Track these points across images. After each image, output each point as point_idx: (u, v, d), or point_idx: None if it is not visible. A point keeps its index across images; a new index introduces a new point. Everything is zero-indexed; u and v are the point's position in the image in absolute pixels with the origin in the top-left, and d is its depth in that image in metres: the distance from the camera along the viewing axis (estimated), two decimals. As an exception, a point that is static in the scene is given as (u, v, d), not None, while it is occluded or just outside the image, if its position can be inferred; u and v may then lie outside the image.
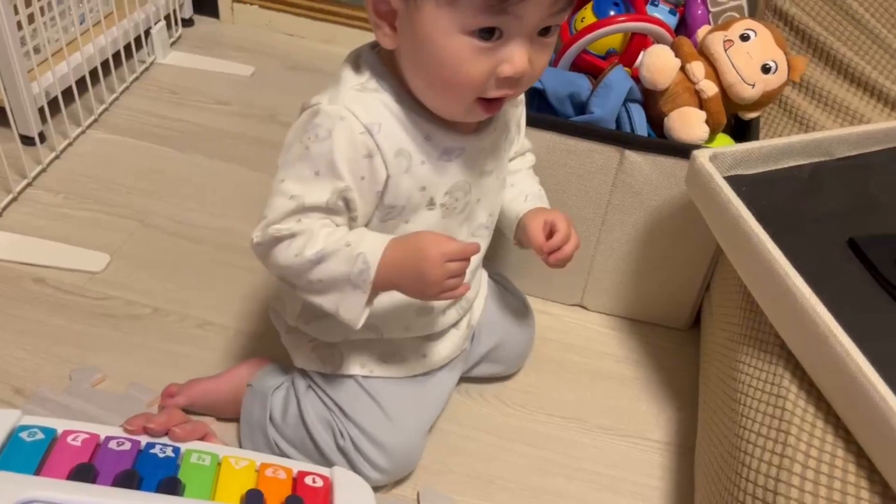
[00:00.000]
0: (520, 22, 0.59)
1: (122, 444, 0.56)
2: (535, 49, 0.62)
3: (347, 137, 0.63)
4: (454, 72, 0.61)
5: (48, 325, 0.93)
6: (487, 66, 0.60)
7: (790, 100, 1.03)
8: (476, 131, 0.71)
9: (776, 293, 0.69)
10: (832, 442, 0.63)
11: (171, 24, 1.49)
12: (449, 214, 0.72)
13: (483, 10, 0.57)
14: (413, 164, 0.67)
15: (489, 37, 0.59)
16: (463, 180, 0.71)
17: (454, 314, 0.81)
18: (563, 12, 0.61)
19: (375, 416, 0.76)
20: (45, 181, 1.14)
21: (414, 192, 0.68)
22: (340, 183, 0.64)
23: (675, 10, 1.09)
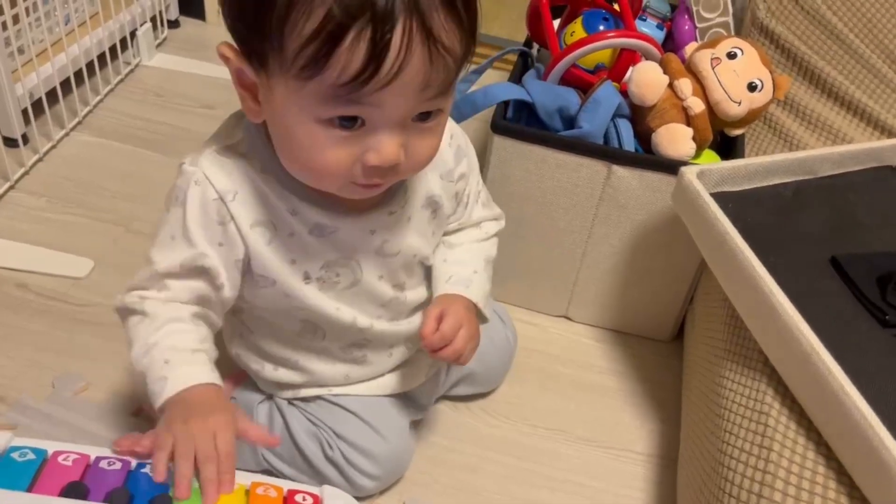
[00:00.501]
0: (380, 111, 0.53)
1: (113, 464, 0.56)
2: (411, 135, 0.56)
3: (200, 203, 0.61)
4: (313, 159, 0.57)
5: (30, 332, 0.92)
6: (350, 154, 0.56)
7: (775, 117, 1.05)
8: (362, 210, 0.65)
9: (760, 310, 0.70)
10: (813, 458, 0.64)
11: (157, 26, 1.48)
12: (329, 289, 0.68)
13: (331, 100, 0.52)
14: (278, 235, 0.64)
15: (350, 125, 0.54)
16: (344, 259, 0.67)
17: (402, 351, 0.79)
18: (437, 98, 0.55)
19: (359, 429, 0.76)
20: (27, 184, 1.13)
21: (283, 264, 0.65)
22: (193, 250, 0.62)
23: (663, 24, 1.10)
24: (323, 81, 0.51)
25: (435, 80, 0.53)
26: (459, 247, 0.77)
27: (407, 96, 0.53)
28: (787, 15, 1.04)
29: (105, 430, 0.81)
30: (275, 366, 0.76)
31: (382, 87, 0.51)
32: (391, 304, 0.73)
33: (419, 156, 0.59)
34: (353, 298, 0.70)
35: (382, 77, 0.50)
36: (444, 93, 0.55)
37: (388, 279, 0.71)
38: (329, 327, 0.72)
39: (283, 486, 0.61)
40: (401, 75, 0.51)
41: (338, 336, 0.73)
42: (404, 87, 0.52)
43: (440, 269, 0.75)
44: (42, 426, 0.81)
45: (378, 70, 0.50)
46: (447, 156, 0.71)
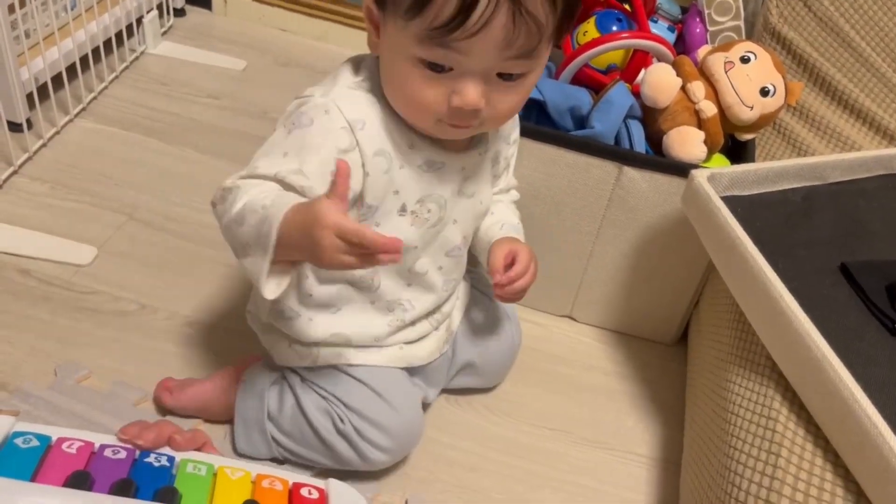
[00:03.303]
0: (466, 59, 0.59)
1: (118, 453, 0.56)
2: (494, 89, 0.62)
3: (326, 130, 0.65)
4: (408, 93, 0.63)
5: (32, 319, 0.91)
6: (439, 94, 0.62)
7: (785, 123, 1.05)
8: (459, 149, 0.72)
9: (770, 315, 0.70)
10: (821, 465, 0.64)
11: (163, 14, 1.47)
12: (419, 224, 0.73)
13: (426, 41, 0.59)
14: (393, 166, 0.69)
15: (438, 68, 0.60)
16: (438, 194, 0.72)
17: (426, 326, 0.82)
18: (520, 60, 0.61)
19: (372, 401, 0.76)
20: (31, 170, 1.12)
21: (388, 194, 0.70)
22: (297, 167, 0.63)
23: (674, 27, 1.10)
24: (421, 23, 0.58)
25: (516, 40, 0.58)
26: (499, 203, 0.84)
27: (489, 50, 0.59)
28: (799, 21, 1.04)
29: (107, 418, 0.80)
30: (312, 315, 0.76)
31: (469, 36, 0.57)
32: (454, 254, 0.78)
33: (500, 109, 0.65)
34: (430, 239, 0.75)
35: (469, 27, 0.56)
36: (526, 56, 0.60)
37: (461, 225, 0.77)
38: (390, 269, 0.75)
39: (289, 479, 0.61)
40: (485, 29, 0.57)
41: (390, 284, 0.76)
42: (488, 41, 0.58)
43: (490, 220, 0.82)
44: (44, 414, 0.80)
45: (466, 20, 0.56)
46: (512, 120, 0.78)
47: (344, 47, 1.50)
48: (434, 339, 0.83)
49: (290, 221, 0.58)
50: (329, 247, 0.56)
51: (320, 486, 0.61)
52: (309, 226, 0.57)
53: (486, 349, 0.89)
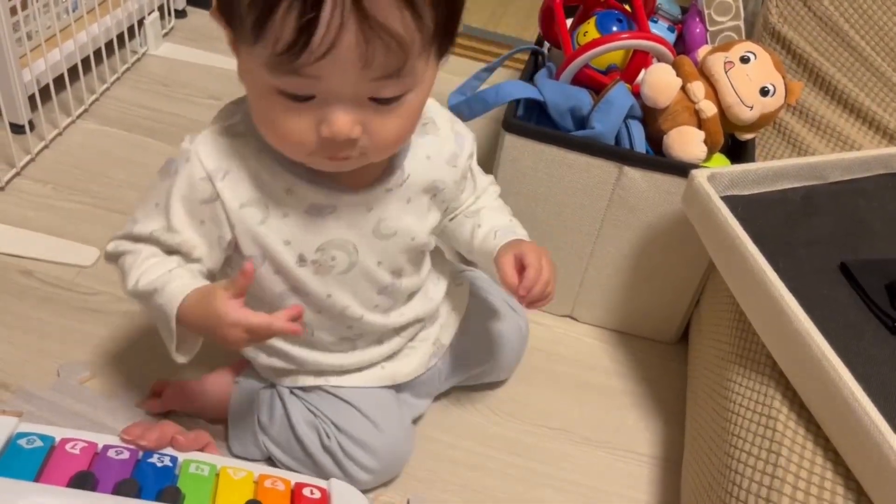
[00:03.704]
0: (324, 84, 0.53)
1: (121, 453, 0.56)
2: (369, 115, 0.56)
3: (188, 180, 0.63)
4: (273, 126, 0.58)
5: (35, 319, 0.92)
6: (306, 124, 0.56)
7: (785, 123, 1.05)
8: (356, 188, 0.66)
9: (770, 314, 0.70)
10: (822, 464, 0.64)
11: (165, 15, 1.48)
12: (324, 272, 0.68)
13: (275, 68, 0.52)
14: (271, 216, 0.65)
15: (300, 98, 0.55)
16: (342, 239, 0.67)
17: (397, 340, 0.79)
18: (388, 80, 0.54)
19: (358, 421, 0.76)
20: (33, 171, 1.12)
21: (276, 245, 0.66)
22: (166, 224, 0.64)
23: (674, 27, 1.10)
24: (265, 49, 0.52)
25: (374, 59, 0.52)
26: (483, 209, 0.79)
27: (347, 73, 0.52)
28: (798, 20, 1.04)
29: (110, 419, 0.81)
30: (267, 354, 0.77)
31: (317, 60, 0.51)
32: (388, 291, 0.73)
33: (382, 137, 0.58)
34: (348, 284, 0.70)
35: (315, 50, 0.50)
36: (393, 76, 0.54)
37: (387, 265, 0.71)
38: (318, 319, 0.72)
39: (291, 479, 0.61)
40: (334, 50, 0.50)
41: (328, 330, 0.74)
42: (340, 63, 0.51)
43: (480, 234, 0.77)
44: (47, 414, 0.80)
45: (308, 43, 0.50)
46: (450, 143, 0.72)
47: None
48: (419, 353, 0.82)
49: (188, 314, 0.60)
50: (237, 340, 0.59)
51: (322, 485, 0.61)
52: (212, 324, 0.59)
53: (495, 345, 0.89)
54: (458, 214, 0.80)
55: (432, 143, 0.70)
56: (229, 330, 0.58)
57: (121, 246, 0.66)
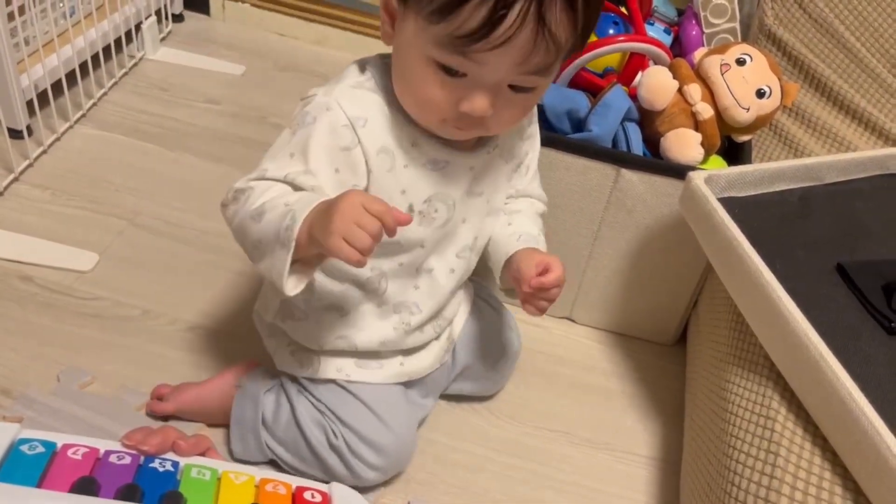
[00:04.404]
0: (482, 69, 0.59)
1: (123, 458, 0.56)
2: (502, 99, 0.62)
3: (329, 127, 0.65)
4: (417, 90, 0.63)
5: (35, 325, 0.92)
6: (449, 97, 0.62)
7: (781, 124, 1.05)
8: (466, 148, 0.71)
9: (768, 316, 0.71)
10: (820, 464, 0.65)
11: (162, 20, 1.48)
12: (427, 223, 0.72)
13: (446, 46, 0.58)
14: (396, 165, 0.68)
15: (452, 73, 0.61)
16: (445, 193, 0.72)
17: (431, 331, 0.81)
18: (533, 75, 0.61)
19: (366, 418, 0.77)
20: (31, 176, 1.13)
21: (394, 193, 0.69)
22: (305, 166, 0.65)
23: (670, 29, 1.11)
24: (444, 28, 0.57)
25: (534, 58, 0.59)
26: (519, 213, 0.81)
27: (506, 64, 0.59)
28: (794, 22, 1.04)
29: (111, 424, 0.81)
30: (319, 317, 0.76)
31: (490, 49, 0.57)
32: (462, 255, 0.77)
33: (505, 118, 0.65)
34: (438, 239, 0.74)
35: (493, 40, 0.56)
36: (540, 73, 0.61)
37: (470, 225, 0.76)
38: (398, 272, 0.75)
39: (292, 483, 0.61)
40: (507, 45, 0.57)
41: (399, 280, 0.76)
42: (506, 56, 0.58)
43: (507, 231, 0.79)
44: (48, 420, 0.80)
45: (490, 33, 0.56)
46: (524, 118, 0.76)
47: (342, 51, 1.51)
48: (435, 348, 0.83)
49: (313, 213, 0.59)
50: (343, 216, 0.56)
51: (323, 489, 0.61)
52: (333, 203, 0.57)
53: (487, 358, 0.89)
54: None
55: None
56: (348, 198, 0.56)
57: (249, 184, 0.65)
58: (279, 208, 0.61)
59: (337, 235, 0.56)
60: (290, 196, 0.62)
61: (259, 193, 0.63)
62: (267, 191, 0.63)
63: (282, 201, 0.62)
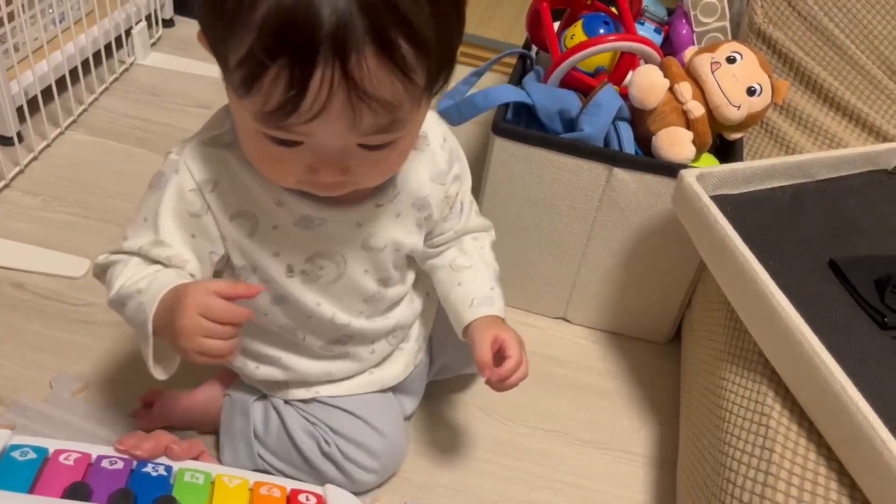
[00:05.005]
0: (312, 139, 0.53)
1: (115, 463, 0.56)
2: (358, 159, 0.56)
3: (177, 192, 0.62)
4: (261, 162, 0.58)
5: (26, 332, 0.91)
6: (294, 166, 0.56)
7: (772, 122, 1.06)
8: (344, 203, 0.65)
9: (761, 312, 0.71)
10: (815, 460, 0.65)
11: (152, 25, 1.48)
12: (312, 282, 0.68)
13: (262, 121, 0.52)
14: (261, 227, 0.64)
15: (287, 143, 0.54)
16: (331, 251, 0.67)
17: (384, 347, 0.79)
18: (378, 135, 0.54)
19: (355, 425, 0.76)
20: (22, 183, 1.12)
21: (264, 257, 0.65)
22: (156, 237, 0.62)
23: (661, 28, 1.11)
24: (253, 104, 0.52)
25: (362, 122, 0.52)
26: (468, 269, 0.76)
27: (336, 132, 0.52)
28: (784, 20, 1.05)
29: (104, 430, 0.81)
30: (256, 364, 0.76)
31: (305, 122, 0.51)
32: (373, 300, 0.73)
33: (371, 174, 0.59)
34: (335, 293, 0.70)
35: (303, 115, 0.50)
36: (383, 131, 0.54)
37: (374, 273, 0.71)
38: (308, 324, 0.72)
39: (287, 486, 0.61)
40: (323, 114, 0.50)
41: (317, 334, 0.74)
42: (329, 125, 0.51)
43: (457, 294, 0.74)
44: (40, 427, 0.80)
45: (297, 109, 0.50)
46: (439, 158, 0.71)
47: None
48: (404, 354, 0.82)
49: (160, 308, 0.57)
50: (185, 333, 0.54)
51: (318, 492, 0.61)
52: (172, 309, 0.55)
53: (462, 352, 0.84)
54: (441, 257, 0.77)
55: (422, 159, 0.69)
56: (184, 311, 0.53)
57: (109, 259, 0.65)
58: (133, 297, 0.60)
59: (191, 353, 0.55)
60: (141, 281, 0.60)
61: (117, 274, 0.62)
62: (124, 270, 0.62)
63: (134, 289, 0.60)
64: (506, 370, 0.68)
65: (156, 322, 0.58)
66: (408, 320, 0.80)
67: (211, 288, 0.56)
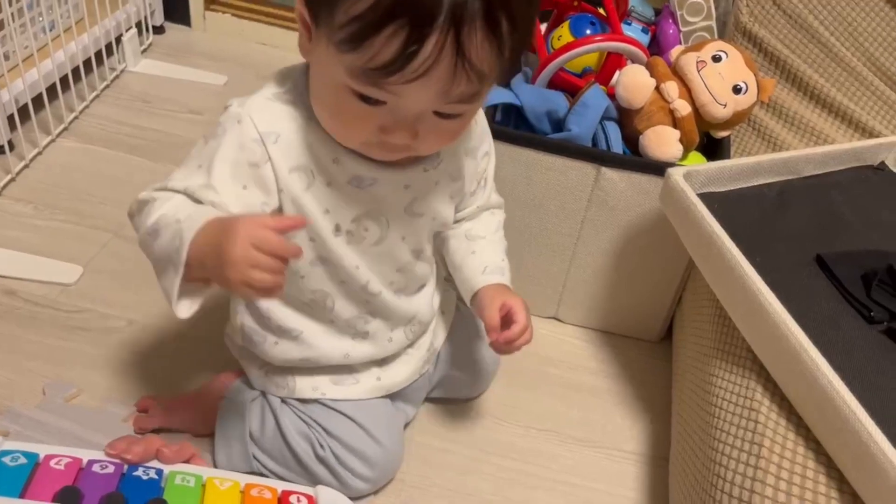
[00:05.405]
0: (400, 99, 0.56)
1: (106, 468, 0.56)
2: (428, 125, 0.59)
3: (238, 141, 0.62)
4: (336, 117, 0.60)
5: (20, 339, 0.91)
6: (368, 125, 0.59)
7: (759, 119, 1.06)
8: (395, 165, 0.67)
9: (749, 309, 0.71)
10: (803, 452, 0.65)
11: (142, 32, 1.48)
12: (356, 243, 0.69)
13: (360, 76, 0.55)
14: (316, 183, 0.65)
15: (371, 101, 0.57)
16: (376, 212, 0.69)
17: (401, 338, 0.80)
18: (458, 104, 0.58)
19: (352, 430, 0.77)
20: (13, 191, 1.12)
21: (316, 213, 0.66)
22: (207, 181, 0.61)
23: (648, 28, 1.12)
24: (356, 59, 0.54)
25: (455, 89, 0.55)
26: (482, 239, 0.79)
27: (427, 96, 0.56)
28: (769, 19, 1.06)
29: (98, 436, 0.80)
30: (276, 339, 0.75)
31: (406, 82, 0.54)
32: (405, 270, 0.75)
33: (432, 143, 0.62)
34: (374, 258, 0.72)
35: (407, 75, 0.53)
36: (465, 101, 0.58)
37: (410, 241, 0.73)
38: (342, 290, 0.73)
39: (278, 488, 0.61)
40: (424, 78, 0.53)
41: (348, 301, 0.74)
42: (425, 88, 0.55)
43: (471, 262, 0.77)
44: (34, 433, 0.80)
45: (405, 67, 0.52)
46: (474, 134, 0.74)
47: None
48: (413, 360, 0.83)
49: (202, 235, 0.55)
50: (235, 263, 0.52)
51: (309, 493, 0.61)
52: (220, 239, 0.53)
53: (465, 370, 0.89)
54: (458, 227, 0.79)
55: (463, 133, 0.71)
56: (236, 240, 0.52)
57: (151, 195, 0.62)
58: (171, 226, 0.58)
59: (238, 284, 0.53)
60: (182, 212, 0.59)
61: (158, 207, 0.60)
62: (165, 204, 0.60)
63: (174, 218, 0.58)
64: (513, 333, 0.71)
65: (193, 252, 0.55)
66: (426, 315, 0.81)
67: (262, 221, 0.55)
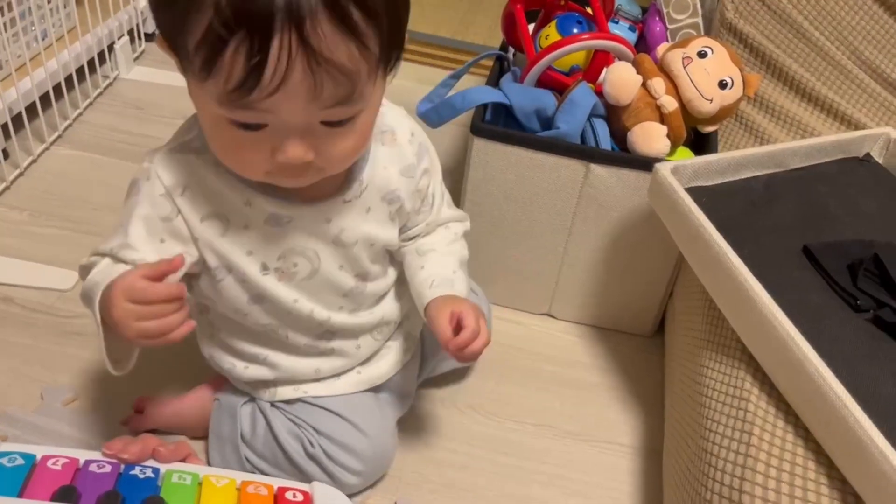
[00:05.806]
0: (276, 116, 0.54)
1: (103, 467, 0.57)
2: (321, 138, 0.57)
3: (149, 198, 0.64)
4: (226, 152, 0.60)
5: (17, 345, 0.92)
6: (260, 151, 0.57)
7: (746, 114, 1.07)
8: (312, 200, 0.67)
9: (737, 300, 0.72)
10: (793, 441, 0.66)
11: (135, 39, 1.49)
12: (287, 279, 0.70)
13: (226, 103, 0.53)
14: (232, 228, 0.66)
15: (252, 127, 0.55)
16: (302, 247, 0.68)
17: (370, 342, 0.80)
18: (338, 108, 0.55)
19: (340, 426, 0.77)
20: (9, 199, 1.13)
21: (239, 256, 0.67)
22: (124, 239, 0.64)
23: (635, 26, 1.13)
24: (216, 85, 0.53)
25: (326, 92, 0.53)
26: (432, 252, 0.77)
27: (299, 105, 0.54)
28: (754, 15, 1.07)
29: (95, 439, 0.81)
30: (245, 364, 0.77)
31: (268, 95, 0.52)
32: (352, 295, 0.74)
33: (335, 156, 0.60)
34: (312, 289, 0.71)
35: (265, 87, 0.51)
36: (343, 104, 0.55)
37: (350, 269, 0.72)
38: (289, 321, 0.73)
39: (273, 484, 0.62)
40: (284, 86, 0.52)
41: (299, 331, 0.75)
42: (293, 98, 0.53)
43: (420, 277, 0.76)
44: (32, 437, 0.80)
45: (260, 81, 0.51)
46: (408, 152, 0.72)
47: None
48: (392, 352, 0.83)
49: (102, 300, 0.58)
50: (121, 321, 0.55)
51: (305, 489, 0.62)
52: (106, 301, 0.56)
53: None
54: (411, 243, 0.78)
55: (390, 154, 0.71)
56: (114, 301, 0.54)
57: (89, 260, 0.66)
58: (90, 291, 0.61)
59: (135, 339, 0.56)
60: (100, 276, 0.62)
61: (90, 272, 0.64)
62: (94, 268, 0.64)
63: (93, 282, 0.61)
64: (462, 339, 0.69)
65: (103, 316, 0.59)
66: (393, 315, 0.81)
67: (135, 272, 0.57)
